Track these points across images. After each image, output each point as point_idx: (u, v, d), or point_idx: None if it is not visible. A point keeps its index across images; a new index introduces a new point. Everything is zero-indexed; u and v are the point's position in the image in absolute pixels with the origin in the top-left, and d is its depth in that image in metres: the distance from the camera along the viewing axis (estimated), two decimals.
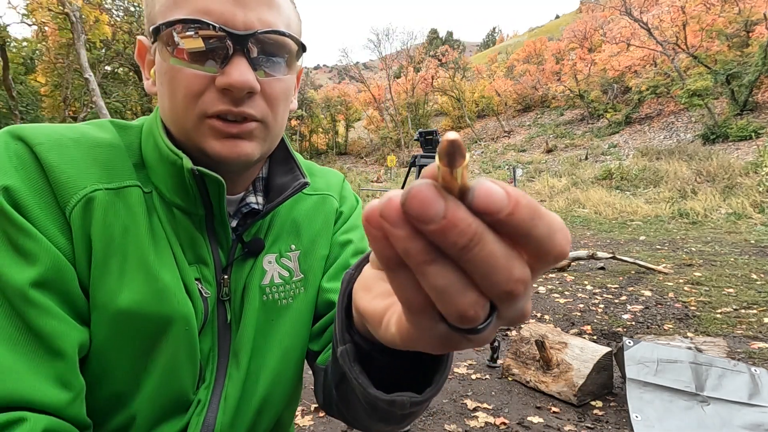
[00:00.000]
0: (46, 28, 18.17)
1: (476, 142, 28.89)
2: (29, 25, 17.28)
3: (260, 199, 0.61)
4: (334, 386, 0.55)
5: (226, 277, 0.57)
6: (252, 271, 0.59)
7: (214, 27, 0.46)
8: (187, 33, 0.46)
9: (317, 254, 0.65)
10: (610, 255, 5.63)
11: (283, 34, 0.50)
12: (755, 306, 3.96)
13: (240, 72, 0.47)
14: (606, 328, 3.66)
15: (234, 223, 0.59)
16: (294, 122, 34.54)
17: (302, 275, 0.63)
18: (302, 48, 0.53)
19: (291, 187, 0.59)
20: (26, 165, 0.45)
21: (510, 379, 2.81)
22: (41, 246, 0.44)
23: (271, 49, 0.50)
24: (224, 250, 0.57)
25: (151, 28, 0.48)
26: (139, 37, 0.54)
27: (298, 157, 0.66)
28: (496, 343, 3.03)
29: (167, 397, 0.52)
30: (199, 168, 0.50)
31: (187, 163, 0.50)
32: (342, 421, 0.60)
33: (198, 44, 0.47)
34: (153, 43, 0.50)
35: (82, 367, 0.48)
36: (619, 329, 3.60)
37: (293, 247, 0.63)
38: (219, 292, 0.56)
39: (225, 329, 0.57)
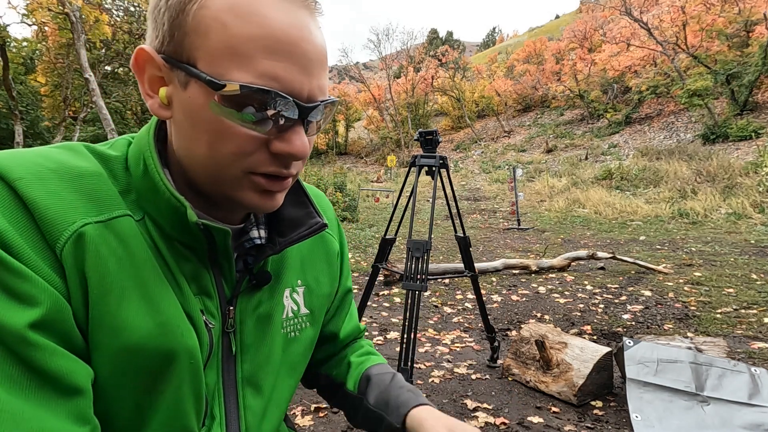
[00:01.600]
0: (46, 28, 18.14)
1: (476, 142, 28.89)
2: (29, 25, 17.26)
3: (263, 233, 0.61)
4: (326, 393, 0.79)
5: (231, 308, 0.57)
6: (273, 304, 0.61)
7: (287, 99, 0.45)
8: (255, 97, 0.44)
9: (321, 292, 0.68)
10: (610, 255, 5.63)
11: (334, 102, 0.51)
12: (755, 306, 3.96)
13: (302, 142, 0.47)
14: (606, 328, 3.66)
15: (234, 255, 0.58)
16: None
17: (308, 311, 0.66)
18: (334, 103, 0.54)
19: (307, 226, 0.60)
20: (7, 203, 0.42)
21: (510, 379, 2.81)
22: (38, 287, 0.41)
23: (320, 114, 0.50)
24: (228, 281, 0.57)
25: (205, 76, 0.44)
26: (143, 46, 0.48)
27: (307, 187, 0.67)
28: (496, 343, 3.03)
29: None
30: (205, 222, 0.49)
31: (192, 216, 0.48)
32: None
33: (261, 110, 0.45)
34: (174, 67, 0.46)
35: None
36: (619, 329, 3.60)
37: (299, 282, 0.65)
38: (224, 323, 0.56)
39: (229, 361, 0.57)
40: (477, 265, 5.52)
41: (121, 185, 0.50)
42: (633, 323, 3.73)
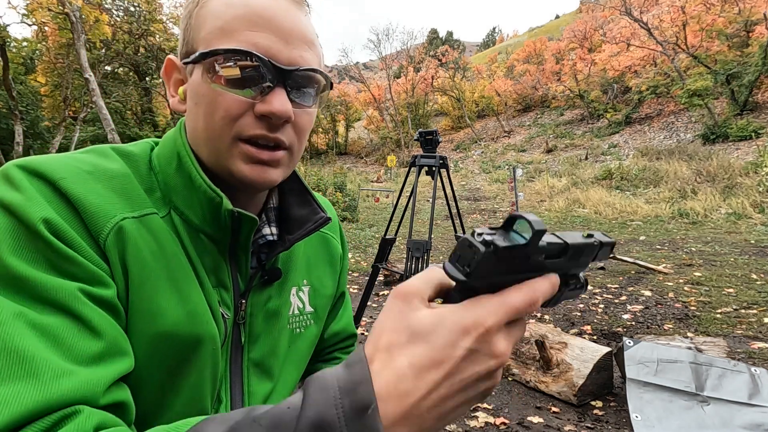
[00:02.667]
0: (46, 28, 18.13)
1: (476, 142, 28.88)
2: (29, 25, 17.23)
3: (274, 230, 0.65)
4: None
5: (243, 301, 0.60)
6: (281, 301, 0.64)
7: (262, 59, 0.50)
8: (237, 61, 0.49)
9: (325, 293, 0.73)
10: (610, 255, 5.62)
11: (319, 72, 0.54)
12: (755, 306, 3.96)
13: (281, 102, 0.51)
14: (606, 328, 3.66)
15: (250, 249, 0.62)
16: None
17: (312, 309, 0.70)
18: (330, 85, 0.58)
19: (312, 221, 0.64)
20: (52, 199, 0.45)
21: (510, 379, 2.81)
22: (88, 271, 0.44)
23: (306, 84, 0.54)
24: (243, 276, 0.60)
25: (197, 53, 0.50)
26: (169, 56, 0.56)
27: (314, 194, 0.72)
28: None
29: (191, 416, 0.54)
30: (239, 210, 0.54)
31: (227, 204, 0.53)
32: None
33: (244, 73, 0.50)
34: (188, 64, 0.52)
35: None
36: (619, 329, 3.60)
37: (305, 282, 0.70)
38: (236, 315, 0.59)
39: (237, 350, 0.60)
40: None
41: (146, 184, 0.55)
42: (633, 323, 3.73)
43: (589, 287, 4.85)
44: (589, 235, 0.37)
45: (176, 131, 0.58)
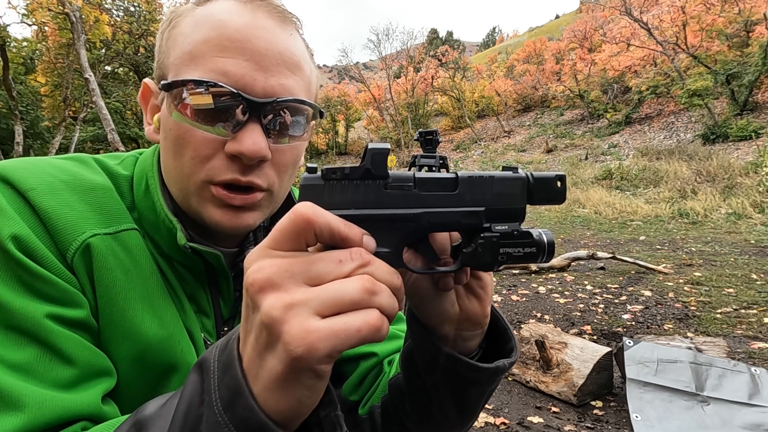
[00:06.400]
0: (46, 28, 18.13)
1: (476, 142, 28.88)
2: (29, 25, 17.24)
3: None
4: (396, 415, 0.55)
5: (226, 329, 0.56)
6: None
7: (232, 92, 0.44)
8: (204, 93, 0.44)
9: None
10: (610, 255, 5.62)
11: (303, 102, 0.48)
12: (755, 306, 3.96)
13: (253, 140, 0.45)
14: (606, 328, 3.66)
15: (232, 274, 0.58)
16: None
17: None
18: (320, 114, 0.52)
19: None
20: (21, 211, 0.43)
21: (510, 379, 2.81)
22: (60, 289, 0.43)
23: (288, 116, 0.48)
24: (226, 301, 0.57)
25: (162, 83, 0.46)
26: (145, 80, 0.52)
27: None
28: None
29: None
30: (193, 245, 0.49)
31: (181, 239, 0.49)
32: None
33: (210, 105, 0.44)
34: (161, 90, 0.48)
35: None
36: (619, 329, 3.60)
37: None
38: None
39: None
40: None
41: (128, 202, 0.52)
42: (633, 323, 3.73)
43: (589, 287, 4.84)
44: (511, 168, 0.34)
45: (152, 152, 0.54)
